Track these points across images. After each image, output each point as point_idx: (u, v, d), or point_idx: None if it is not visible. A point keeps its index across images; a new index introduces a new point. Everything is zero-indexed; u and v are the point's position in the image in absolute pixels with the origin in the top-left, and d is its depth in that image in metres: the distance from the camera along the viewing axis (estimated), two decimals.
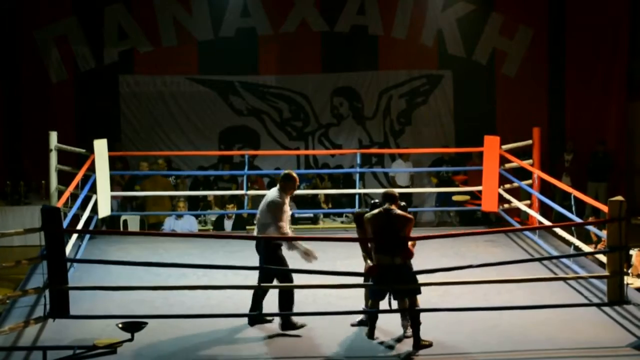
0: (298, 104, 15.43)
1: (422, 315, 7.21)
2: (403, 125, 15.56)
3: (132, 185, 13.39)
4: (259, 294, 7.64)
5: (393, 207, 7.23)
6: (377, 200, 7.47)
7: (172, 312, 7.84)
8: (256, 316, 7.62)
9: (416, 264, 7.41)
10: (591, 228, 9.70)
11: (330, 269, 9.04)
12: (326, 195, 13.86)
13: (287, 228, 7.63)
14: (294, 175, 7.76)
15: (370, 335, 7.35)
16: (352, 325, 7.64)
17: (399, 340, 7.32)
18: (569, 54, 15.26)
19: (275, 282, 7.66)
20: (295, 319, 7.54)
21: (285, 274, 7.60)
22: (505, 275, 8.40)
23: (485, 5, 15.30)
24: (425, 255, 8.63)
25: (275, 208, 7.60)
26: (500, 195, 11.38)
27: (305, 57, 15.30)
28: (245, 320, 7.67)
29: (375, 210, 7.26)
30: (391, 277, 7.18)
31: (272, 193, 7.72)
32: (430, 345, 7.13)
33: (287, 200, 7.71)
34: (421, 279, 7.39)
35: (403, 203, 7.55)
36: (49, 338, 7.29)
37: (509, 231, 11.35)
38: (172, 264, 8.61)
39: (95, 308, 7.93)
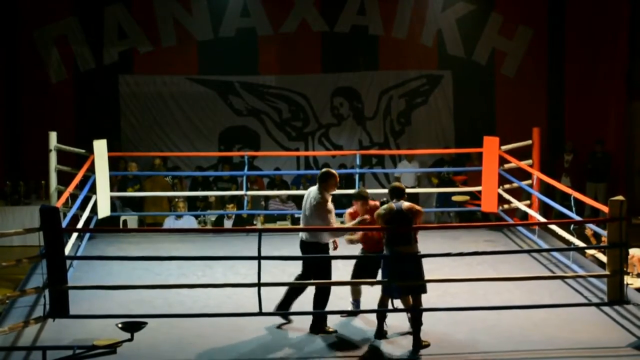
0: (298, 104, 15.42)
1: (422, 315, 7.23)
2: (403, 126, 15.56)
3: (125, 186, 13.37)
4: (292, 294, 7.66)
5: (401, 201, 7.32)
6: (386, 199, 7.53)
7: (172, 312, 7.84)
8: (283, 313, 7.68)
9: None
10: (590, 226, 9.70)
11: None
12: None
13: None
14: (332, 171, 7.66)
15: (380, 335, 7.35)
16: (342, 316, 7.72)
17: (400, 337, 7.33)
18: (569, 54, 15.26)
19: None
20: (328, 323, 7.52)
21: (325, 278, 7.52)
22: (504, 274, 8.40)
23: (485, 5, 15.30)
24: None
25: (322, 210, 7.51)
26: (500, 196, 11.38)
27: (305, 57, 15.29)
28: (244, 319, 7.66)
29: (386, 206, 7.32)
30: (409, 265, 7.21)
31: (314, 194, 7.58)
32: (428, 345, 7.14)
33: (330, 198, 7.62)
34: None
35: (384, 198, 7.62)
36: (49, 338, 7.29)
37: (508, 225, 11.40)
38: (173, 257, 8.66)
39: (95, 308, 7.93)
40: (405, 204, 7.32)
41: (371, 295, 7.70)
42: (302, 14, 15.15)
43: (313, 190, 7.68)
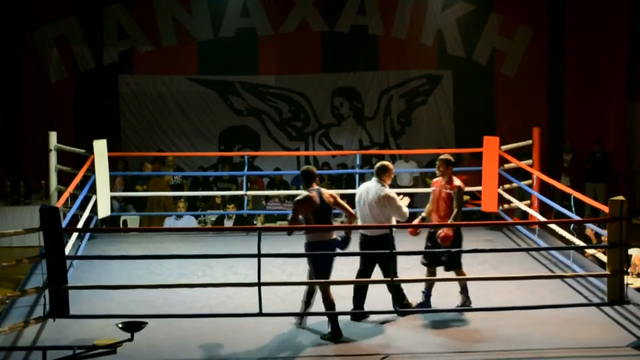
0: (298, 104, 15.43)
1: (423, 316, 7.23)
2: (403, 126, 15.56)
3: (133, 185, 13.38)
4: (361, 290, 7.82)
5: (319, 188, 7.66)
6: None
7: (172, 312, 7.84)
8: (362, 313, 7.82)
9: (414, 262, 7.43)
10: (591, 226, 9.70)
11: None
12: None
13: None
14: (386, 163, 8.07)
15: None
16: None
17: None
18: (569, 54, 15.25)
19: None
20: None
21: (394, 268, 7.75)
22: (505, 274, 8.40)
23: (485, 5, 15.29)
24: None
25: (393, 199, 7.83)
26: (500, 196, 11.38)
27: (305, 57, 15.29)
28: (244, 319, 7.65)
29: (306, 194, 7.52)
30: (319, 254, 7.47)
31: (375, 189, 7.88)
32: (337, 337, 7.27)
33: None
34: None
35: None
36: (49, 338, 7.30)
37: (507, 225, 11.41)
38: (173, 255, 8.63)
39: (95, 308, 7.93)
40: (326, 192, 7.60)
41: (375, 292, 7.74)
42: (302, 14, 15.14)
43: (370, 185, 7.95)
